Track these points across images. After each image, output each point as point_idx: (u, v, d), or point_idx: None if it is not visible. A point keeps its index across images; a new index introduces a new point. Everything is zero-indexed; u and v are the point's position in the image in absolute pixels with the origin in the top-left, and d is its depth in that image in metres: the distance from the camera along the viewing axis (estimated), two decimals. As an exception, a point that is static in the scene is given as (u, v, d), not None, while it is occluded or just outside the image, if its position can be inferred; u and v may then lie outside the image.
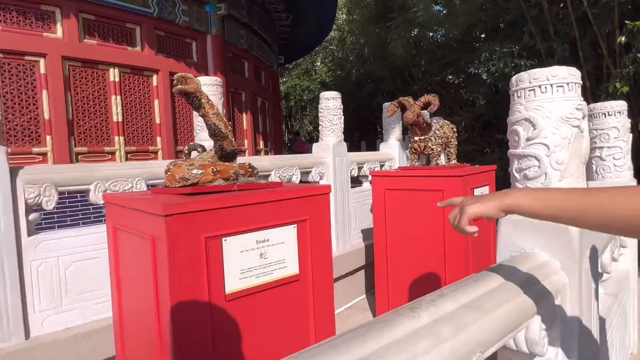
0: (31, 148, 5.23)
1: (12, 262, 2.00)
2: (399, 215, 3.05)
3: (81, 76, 5.63)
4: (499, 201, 0.90)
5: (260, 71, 9.39)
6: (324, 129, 3.62)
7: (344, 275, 3.68)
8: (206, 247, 1.38)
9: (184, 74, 1.59)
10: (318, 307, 1.74)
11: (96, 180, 2.28)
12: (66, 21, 5.46)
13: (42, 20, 5.32)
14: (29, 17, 5.19)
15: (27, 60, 5.19)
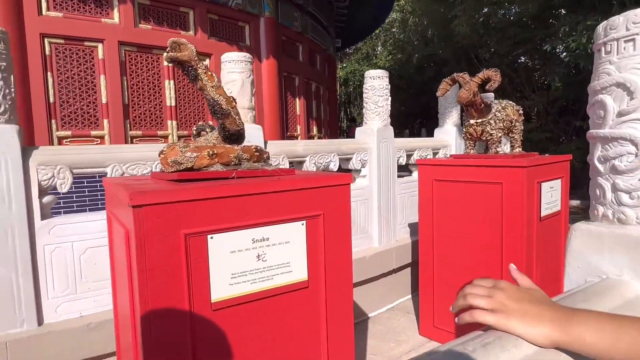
0: (90, 131, 5.40)
1: (24, 246, 1.93)
2: (448, 211, 2.65)
3: (136, 61, 5.72)
4: (554, 330, 0.60)
5: (315, 55, 9.12)
6: (368, 112, 3.27)
7: (387, 273, 3.34)
8: (186, 245, 1.14)
9: (177, 39, 1.35)
10: (332, 320, 1.45)
11: (113, 162, 2.15)
12: (122, 6, 5.54)
13: (101, 6, 5.43)
14: (88, 4, 5.32)
15: (87, 46, 5.34)
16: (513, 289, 0.68)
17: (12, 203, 1.90)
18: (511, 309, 0.64)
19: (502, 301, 0.65)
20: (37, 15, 5.00)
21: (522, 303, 0.65)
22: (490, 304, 0.67)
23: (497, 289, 0.68)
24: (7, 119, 1.89)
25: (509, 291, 0.67)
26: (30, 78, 4.93)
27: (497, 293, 0.67)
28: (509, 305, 0.65)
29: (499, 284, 0.70)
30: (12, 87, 1.92)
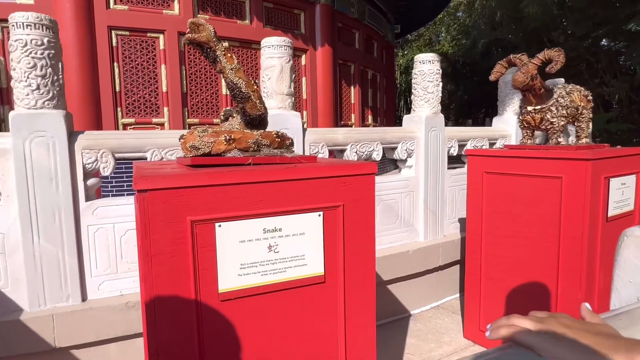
0: (151, 119, 5.67)
1: (70, 226, 2.04)
2: (499, 206, 2.42)
3: (194, 51, 5.88)
4: None
5: (372, 42, 8.89)
6: (416, 98, 3.08)
7: (433, 270, 3.16)
8: (193, 232, 1.11)
9: (196, 20, 1.31)
10: (352, 319, 1.36)
11: (152, 147, 2.20)
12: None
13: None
14: (151, -3, 5.55)
15: (149, 37, 5.58)
16: (570, 319, 0.54)
17: (59, 184, 2.00)
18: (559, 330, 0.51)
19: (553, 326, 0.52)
20: (105, 9, 5.28)
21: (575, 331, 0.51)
22: (536, 325, 0.54)
23: (552, 317, 0.55)
24: (55, 105, 1.99)
25: (563, 319, 0.54)
26: (99, 68, 5.24)
27: (549, 320, 0.54)
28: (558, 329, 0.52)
29: (555, 314, 0.56)
30: (60, 74, 2.01)
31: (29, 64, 1.89)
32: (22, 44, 1.88)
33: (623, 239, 0.79)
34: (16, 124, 1.91)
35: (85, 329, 2.06)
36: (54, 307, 2.04)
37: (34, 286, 1.99)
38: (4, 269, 1.97)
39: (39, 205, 1.96)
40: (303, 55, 6.93)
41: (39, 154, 1.95)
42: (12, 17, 1.90)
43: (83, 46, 5.03)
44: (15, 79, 1.91)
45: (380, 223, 2.92)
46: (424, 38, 18.00)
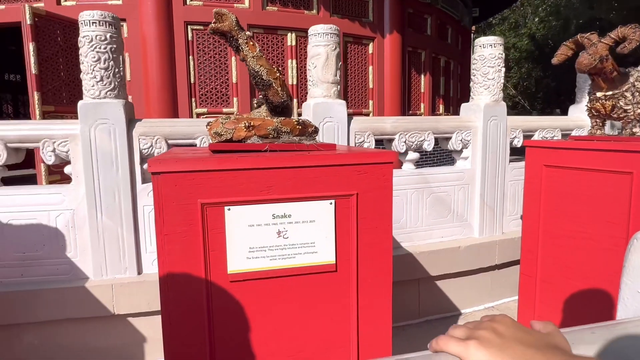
0: (222, 109, 5.98)
1: (128, 206, 2.24)
2: (560, 203, 2.20)
3: (263, 42, 6.07)
4: None
5: (446, 27, 8.46)
6: (475, 85, 2.88)
7: (488, 268, 2.98)
8: (203, 214, 1.16)
9: (219, 10, 1.36)
10: (365, 309, 1.33)
11: (201, 134, 2.32)
12: (252, -10, 5.89)
13: (233, -9, 5.87)
14: (221, -10, 5.80)
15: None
16: (508, 324, 0.49)
17: (119, 167, 2.21)
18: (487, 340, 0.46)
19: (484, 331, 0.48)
20: (183, 5, 5.63)
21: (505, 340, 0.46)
22: (465, 332, 0.49)
23: (491, 320, 0.50)
24: (117, 95, 2.19)
25: (501, 324, 0.49)
26: (176, 61, 5.62)
27: (483, 324, 0.49)
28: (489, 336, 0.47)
29: (495, 317, 0.51)
30: (120, 67, 2.20)
31: (94, 57, 2.10)
32: (89, 40, 2.09)
33: (633, 243, 0.68)
34: (83, 112, 2.14)
35: (139, 299, 2.26)
36: (114, 278, 2.26)
37: (97, 258, 2.23)
38: (74, 241, 2.23)
39: (102, 186, 2.18)
40: (370, 43, 6.82)
41: (102, 139, 2.16)
42: (81, 15, 2.12)
43: (162, 41, 5.43)
44: (83, 71, 2.14)
45: (430, 216, 2.81)
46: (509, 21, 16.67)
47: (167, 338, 1.20)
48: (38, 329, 2.23)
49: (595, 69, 1.92)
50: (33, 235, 2.17)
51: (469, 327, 0.50)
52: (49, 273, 2.21)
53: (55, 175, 5.01)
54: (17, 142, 2.16)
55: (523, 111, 17.96)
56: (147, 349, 2.35)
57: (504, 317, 0.50)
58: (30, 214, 2.16)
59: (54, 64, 5.16)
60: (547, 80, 14.46)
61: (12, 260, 2.17)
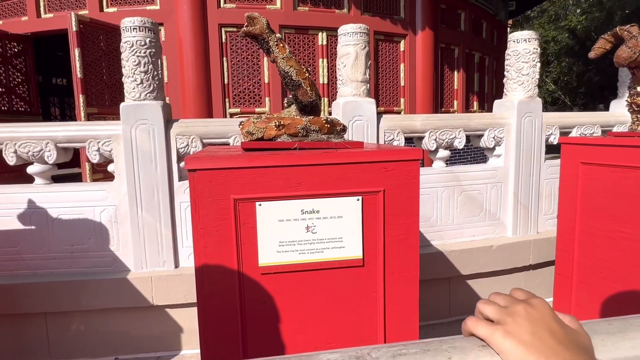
0: (254, 108, 6.11)
1: (166, 202, 2.35)
2: (598, 202, 2.13)
3: (294, 42, 6.15)
4: None
5: (480, 22, 8.27)
6: (509, 81, 2.82)
7: (522, 269, 2.91)
8: (236, 209, 1.22)
9: (251, 14, 1.41)
10: (392, 305, 1.36)
11: (234, 134, 2.40)
12: (284, -9, 5.98)
13: (266, -7, 5.97)
14: (256, -8, 5.91)
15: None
16: (544, 311, 0.48)
17: (157, 165, 2.32)
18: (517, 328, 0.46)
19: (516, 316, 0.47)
20: (217, 8, 5.79)
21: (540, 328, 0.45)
22: (496, 313, 0.49)
23: (524, 302, 0.49)
24: (155, 96, 2.30)
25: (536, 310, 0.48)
26: (210, 63, 5.78)
27: (517, 306, 0.48)
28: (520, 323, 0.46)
29: (530, 298, 0.50)
30: (159, 70, 2.31)
31: (134, 62, 2.21)
32: (130, 45, 2.21)
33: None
34: (125, 113, 2.26)
35: (176, 292, 2.37)
36: (153, 271, 2.38)
37: (138, 251, 2.36)
38: (116, 235, 2.36)
39: (142, 183, 2.30)
40: (402, 40, 6.77)
41: (142, 139, 2.28)
42: (123, 22, 2.24)
43: (197, 43, 5.60)
44: (124, 75, 2.26)
45: (461, 214, 2.78)
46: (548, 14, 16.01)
47: (203, 326, 1.27)
48: (85, 317, 2.38)
49: (635, 62, 1.85)
50: (80, 229, 2.32)
51: (501, 304, 0.50)
52: (94, 265, 2.36)
53: (98, 174, 5.28)
54: (66, 142, 2.31)
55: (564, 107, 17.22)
56: (183, 339, 2.46)
57: (540, 302, 0.49)
58: (78, 210, 2.31)
59: (97, 68, 5.44)
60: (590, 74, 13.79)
61: (61, 252, 2.32)
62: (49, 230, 2.31)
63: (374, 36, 6.51)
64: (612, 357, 0.50)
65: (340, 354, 0.48)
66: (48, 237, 2.31)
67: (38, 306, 2.28)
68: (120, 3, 5.85)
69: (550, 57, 16.04)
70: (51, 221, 2.31)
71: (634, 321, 0.56)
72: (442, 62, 7.37)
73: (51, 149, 2.28)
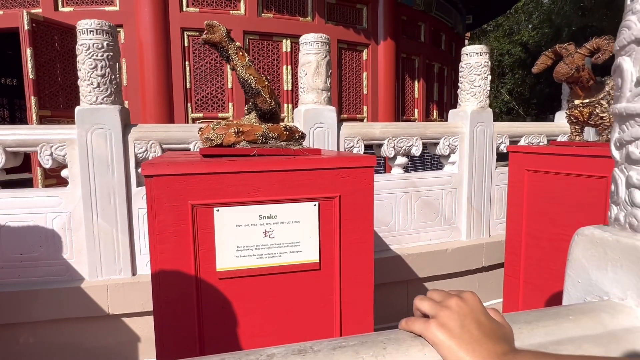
0: (217, 114, 6.04)
1: (123, 208, 2.30)
2: (542, 206, 2.28)
3: (258, 48, 6.15)
4: None
5: (439, 34, 8.59)
6: (462, 92, 2.97)
7: (475, 271, 3.05)
8: (193, 215, 1.23)
9: (210, 22, 1.43)
10: (348, 306, 1.40)
11: (195, 140, 2.39)
12: (248, -3, 5.97)
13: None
14: (218, -2, 5.88)
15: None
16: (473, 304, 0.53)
17: (115, 171, 2.27)
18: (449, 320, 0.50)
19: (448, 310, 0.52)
20: (179, 12, 5.71)
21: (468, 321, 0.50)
22: (431, 307, 0.54)
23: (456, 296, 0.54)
24: (113, 101, 2.26)
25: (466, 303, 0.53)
26: (172, 67, 5.69)
27: (449, 299, 0.53)
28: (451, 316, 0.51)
29: (462, 292, 0.55)
30: (117, 74, 2.27)
31: (91, 65, 2.17)
32: (86, 48, 2.16)
33: (574, 238, 0.75)
34: (80, 117, 2.20)
35: (133, 300, 2.32)
36: (109, 279, 2.32)
37: (92, 259, 2.29)
38: (70, 243, 2.29)
39: (98, 189, 2.25)
40: (365, 49, 6.92)
41: (98, 144, 2.22)
42: (79, 24, 2.19)
43: (159, 46, 5.50)
44: (80, 78, 2.20)
45: (418, 219, 2.88)
46: (503, 28, 16.88)
47: (159, 333, 1.27)
48: (34, 329, 2.28)
49: (572, 77, 2.01)
50: (30, 237, 2.23)
51: (436, 299, 0.55)
52: (46, 274, 2.27)
53: (51, 179, 5.05)
54: (16, 146, 2.22)
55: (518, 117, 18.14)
56: (141, 348, 2.40)
57: (471, 295, 0.54)
58: (28, 216, 2.22)
59: (51, 69, 5.22)
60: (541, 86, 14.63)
61: (9, 262, 2.22)
62: (-5, 239, 2.21)
63: (337, 45, 6.62)
64: (528, 343, 0.56)
65: (285, 348, 0.51)
66: (-5, 246, 2.21)
67: (-18, 318, 2.17)
68: (77, 3, 5.66)
69: (505, 69, 16.87)
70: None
71: (548, 311, 0.63)
72: (404, 72, 7.59)
73: None
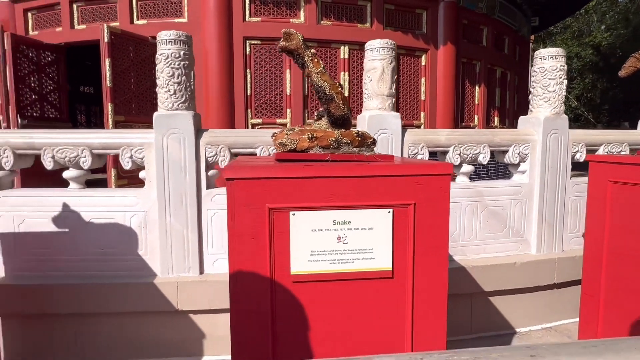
0: (275, 119, 6.19)
1: (193, 209, 2.41)
2: (628, 221, 2.10)
3: (317, 55, 6.20)
4: None
5: (502, 37, 8.25)
6: (535, 98, 2.82)
7: (546, 287, 2.87)
8: (270, 218, 1.25)
9: (288, 30, 1.47)
10: (420, 318, 1.37)
11: (261, 144, 2.46)
12: (308, 6, 6.10)
13: (290, 8, 6.11)
14: (280, 7, 6.06)
15: (277, 44, 6.08)
16: None
17: (187, 173, 2.39)
18: None
19: None
20: (242, 21, 5.92)
21: None
22: None
23: None
24: (187, 107, 2.38)
25: None
26: (234, 74, 5.90)
27: None
28: None
29: None
30: (191, 81, 2.39)
31: (169, 73, 2.30)
32: (165, 57, 2.30)
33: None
34: (158, 122, 2.34)
35: (201, 298, 2.42)
36: (179, 276, 2.43)
37: (165, 256, 2.41)
38: (145, 241, 2.43)
39: (171, 190, 2.37)
40: (423, 55, 6.80)
41: (173, 147, 2.35)
42: (159, 35, 2.33)
43: (222, 55, 5.74)
44: (159, 85, 2.35)
45: (483, 230, 2.77)
46: (571, 30, 15.84)
47: (235, 329, 1.30)
48: (110, 319, 2.44)
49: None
50: (111, 233, 2.39)
51: None
52: (122, 269, 2.42)
53: (123, 180, 5.41)
54: (101, 148, 2.40)
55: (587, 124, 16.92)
56: (205, 345, 2.49)
57: None
58: (109, 214, 2.39)
59: (126, 78, 5.61)
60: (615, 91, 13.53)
61: (92, 255, 2.40)
62: (81, 234, 2.39)
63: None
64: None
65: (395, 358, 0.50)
66: (80, 240, 2.39)
67: (68, 307, 2.35)
68: (150, 16, 6.05)
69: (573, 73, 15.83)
70: (83, 225, 2.39)
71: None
72: (464, 77, 7.36)
73: (87, 155, 2.37)
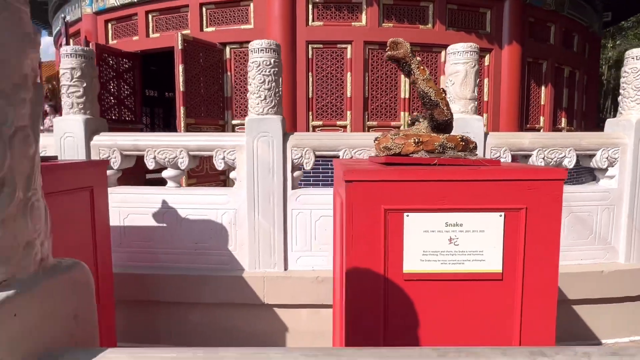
0: (336, 121, 6.30)
1: (280, 209, 2.54)
2: None
3: (377, 58, 6.27)
4: None
5: (571, 35, 7.87)
6: (625, 100, 2.70)
7: (636, 297, 2.73)
8: (385, 218, 1.32)
9: (396, 39, 1.53)
10: (529, 322, 1.38)
11: (344, 147, 2.55)
12: (369, 9, 6.16)
13: (352, 11, 6.19)
14: (342, 11, 6.16)
15: (339, 47, 6.20)
16: None
17: (275, 174, 2.52)
18: None
19: None
20: (305, 26, 6.08)
21: None
22: None
23: None
24: (275, 111, 2.51)
25: None
26: (297, 78, 6.08)
27: None
28: None
29: None
30: (280, 87, 2.52)
31: (260, 80, 2.44)
32: (257, 65, 2.44)
33: None
34: (249, 126, 2.49)
35: (285, 293, 2.54)
36: (265, 271, 2.57)
37: (252, 252, 2.56)
38: (234, 237, 2.59)
39: (260, 190, 2.52)
40: (487, 55, 6.64)
41: (262, 150, 2.49)
42: (251, 44, 2.48)
43: (287, 59, 5.92)
44: (250, 92, 2.50)
45: (567, 236, 2.69)
46: (646, 23, 14.71)
47: (348, 323, 1.39)
48: (201, 309, 2.63)
49: None
50: (204, 229, 2.58)
51: None
52: (214, 262, 2.60)
53: (192, 179, 5.72)
54: (196, 150, 2.59)
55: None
56: (288, 339, 2.62)
57: None
58: (203, 211, 2.58)
59: (196, 83, 5.93)
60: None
61: (187, 249, 2.59)
62: (177, 229, 2.59)
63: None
64: None
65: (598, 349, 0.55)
66: (176, 235, 2.60)
67: (169, 296, 2.56)
68: (218, 23, 6.36)
69: (645, 71, 14.66)
70: (180, 220, 2.59)
71: None
72: (529, 77, 7.11)
73: (184, 156, 2.57)
